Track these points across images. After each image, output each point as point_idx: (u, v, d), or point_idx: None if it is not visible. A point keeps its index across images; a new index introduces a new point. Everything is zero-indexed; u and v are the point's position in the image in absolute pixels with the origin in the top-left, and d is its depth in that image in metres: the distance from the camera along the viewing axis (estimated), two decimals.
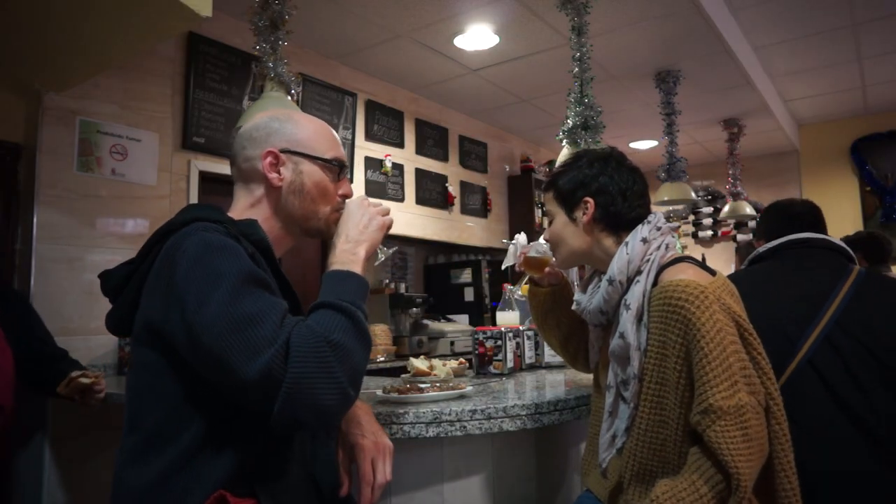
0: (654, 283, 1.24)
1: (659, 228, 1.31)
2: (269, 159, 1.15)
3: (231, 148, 1.22)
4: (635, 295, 1.24)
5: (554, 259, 1.51)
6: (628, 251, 1.27)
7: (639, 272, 1.26)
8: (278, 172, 1.16)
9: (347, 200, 1.20)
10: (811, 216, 1.79)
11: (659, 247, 1.29)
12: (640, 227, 1.31)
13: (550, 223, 1.43)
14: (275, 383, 0.87)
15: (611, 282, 1.28)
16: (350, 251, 1.10)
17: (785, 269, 1.69)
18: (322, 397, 0.88)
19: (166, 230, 1.06)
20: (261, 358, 0.87)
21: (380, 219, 1.16)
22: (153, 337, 1.00)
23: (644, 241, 1.28)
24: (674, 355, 1.16)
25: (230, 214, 1.18)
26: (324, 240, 1.22)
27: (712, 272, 1.27)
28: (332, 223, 1.19)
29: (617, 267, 1.27)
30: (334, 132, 1.26)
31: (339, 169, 1.21)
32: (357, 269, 1.07)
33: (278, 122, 1.19)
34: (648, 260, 1.27)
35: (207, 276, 0.93)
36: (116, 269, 1.12)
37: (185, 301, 0.93)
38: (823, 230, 1.77)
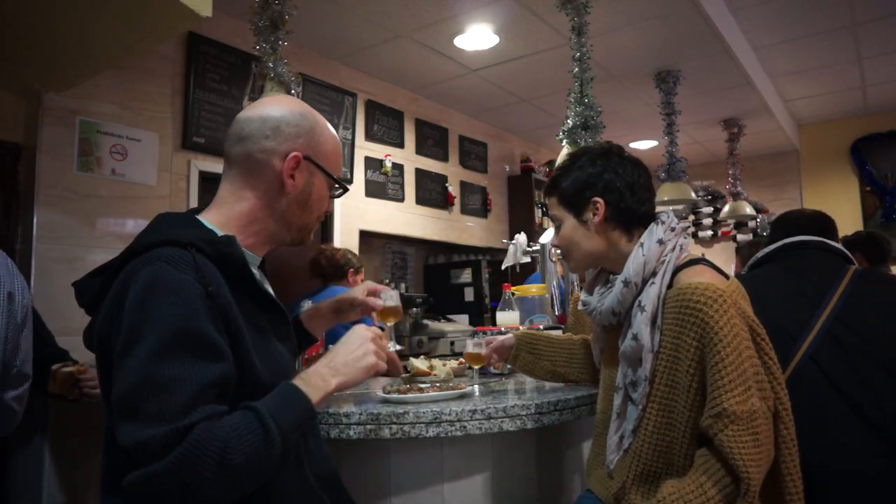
0: (670, 285, 1.23)
1: (673, 229, 1.30)
2: (292, 163, 1.10)
3: (241, 126, 1.12)
4: (650, 297, 1.22)
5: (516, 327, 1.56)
6: (644, 252, 1.26)
7: (654, 273, 1.25)
8: (293, 178, 1.11)
9: (356, 325, 1.16)
10: (817, 226, 1.79)
11: (674, 248, 1.27)
12: (654, 227, 1.30)
13: (558, 228, 1.40)
14: (145, 459, 0.84)
15: (626, 283, 1.26)
16: (323, 377, 1.04)
17: (783, 271, 1.71)
18: (173, 497, 0.84)
19: (132, 252, 1.02)
20: (148, 430, 0.84)
21: (372, 359, 1.10)
22: (106, 357, 0.98)
23: (660, 242, 1.27)
24: (687, 358, 1.15)
25: (218, 202, 1.13)
26: (300, 246, 1.22)
27: (726, 275, 1.26)
28: (311, 234, 1.21)
29: (633, 268, 1.26)
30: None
31: (340, 191, 1.21)
32: (317, 397, 1.00)
33: (308, 123, 1.15)
34: (664, 261, 1.25)
35: (144, 320, 0.90)
36: (86, 281, 1.08)
37: (120, 333, 0.92)
38: (833, 238, 1.77)
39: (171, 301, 0.92)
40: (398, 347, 1.55)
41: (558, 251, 1.48)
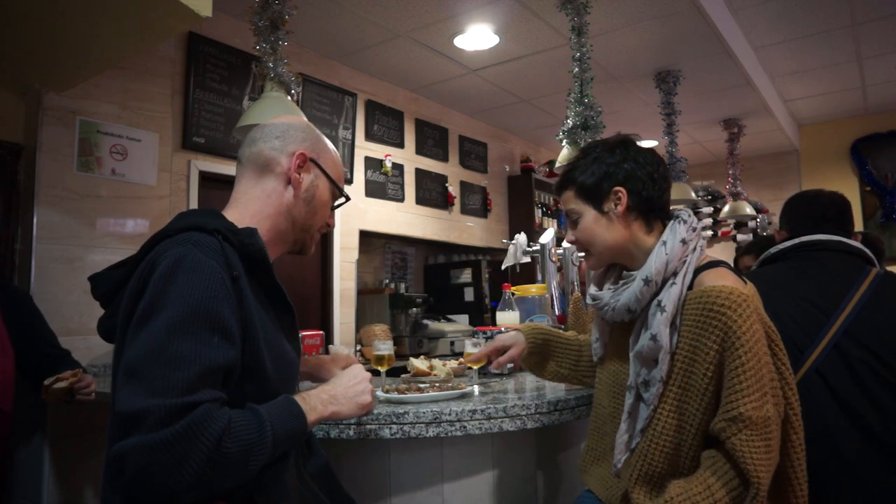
0: (690, 286, 1.22)
1: (695, 229, 1.28)
2: (298, 161, 1.19)
3: (253, 133, 1.22)
4: (672, 297, 1.20)
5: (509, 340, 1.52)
6: (667, 251, 1.23)
7: (674, 273, 1.23)
8: (299, 175, 1.19)
9: (354, 365, 1.23)
10: (835, 211, 1.71)
11: (695, 248, 1.26)
12: (677, 226, 1.27)
13: (575, 223, 1.36)
14: (140, 427, 0.84)
15: (647, 281, 1.23)
16: (323, 402, 1.08)
17: (795, 273, 1.63)
18: (159, 480, 0.83)
19: (161, 236, 1.05)
20: (150, 400, 0.84)
21: (369, 398, 1.16)
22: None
23: (683, 241, 1.24)
24: (706, 361, 1.14)
25: (233, 202, 1.18)
26: (301, 254, 1.28)
27: (744, 279, 1.25)
28: (315, 242, 1.26)
29: (655, 267, 1.23)
30: None
31: (342, 198, 1.28)
32: (313, 417, 1.05)
33: (314, 133, 1.25)
34: (685, 261, 1.24)
35: (165, 294, 0.93)
36: (106, 273, 1.11)
37: (141, 303, 0.94)
38: (848, 226, 1.70)
39: (192, 280, 0.94)
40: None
41: (562, 246, 1.46)
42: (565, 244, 2.46)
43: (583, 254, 1.41)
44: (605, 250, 1.34)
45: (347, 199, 1.29)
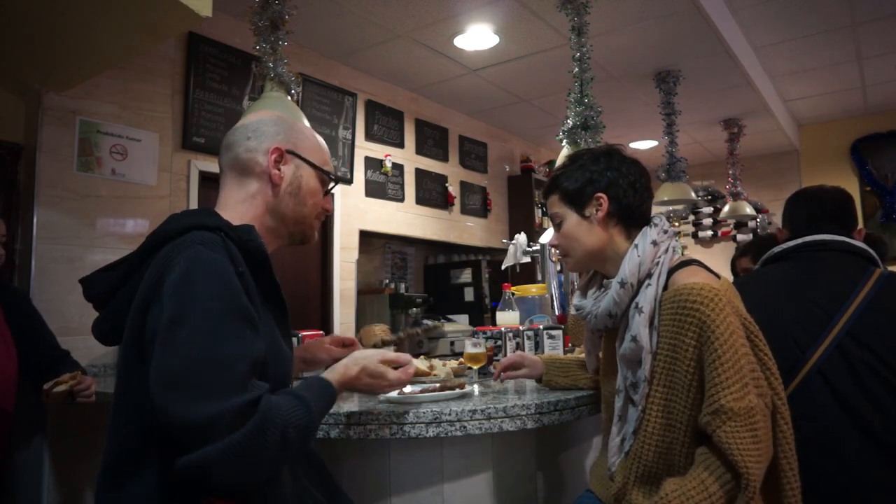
0: (665, 286, 1.25)
1: (665, 231, 1.32)
2: (274, 156, 1.17)
3: (227, 138, 1.21)
4: (648, 298, 1.24)
5: (567, 260, 1.48)
6: (639, 253, 1.27)
7: (649, 275, 1.26)
8: (279, 170, 1.17)
9: (371, 351, 1.27)
10: (836, 209, 1.70)
11: (667, 249, 1.29)
12: (647, 229, 1.32)
13: (559, 226, 1.41)
14: (213, 434, 0.85)
15: (622, 284, 1.28)
16: (349, 378, 1.18)
17: (798, 273, 1.62)
18: (244, 477, 0.88)
19: (162, 239, 1.04)
20: (216, 404, 0.85)
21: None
22: (136, 343, 0.98)
23: (654, 243, 1.29)
24: (686, 358, 1.16)
25: (220, 207, 1.17)
26: (303, 244, 1.28)
27: (717, 275, 1.27)
28: (315, 230, 1.25)
29: (628, 269, 1.27)
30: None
31: (331, 182, 1.26)
32: (341, 391, 1.16)
33: (285, 123, 1.22)
34: (658, 262, 1.27)
35: (192, 298, 0.92)
36: (100, 276, 1.10)
37: (164, 314, 0.92)
38: (850, 222, 1.69)
39: (214, 280, 0.95)
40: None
41: (557, 251, 1.48)
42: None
43: (563, 257, 1.46)
44: (583, 254, 1.38)
45: (338, 180, 1.29)
